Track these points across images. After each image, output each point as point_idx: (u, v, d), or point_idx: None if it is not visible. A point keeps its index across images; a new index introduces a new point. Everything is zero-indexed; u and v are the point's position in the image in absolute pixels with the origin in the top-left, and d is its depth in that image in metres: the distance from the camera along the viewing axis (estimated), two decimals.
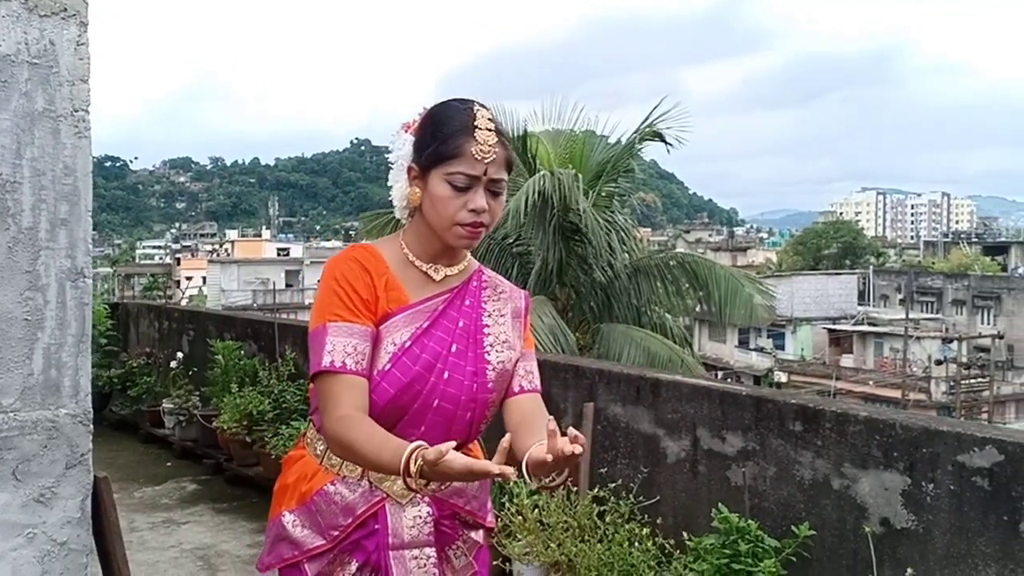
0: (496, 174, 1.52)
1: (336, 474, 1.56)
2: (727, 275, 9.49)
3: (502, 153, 1.53)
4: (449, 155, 1.50)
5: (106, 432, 6.09)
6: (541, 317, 7.97)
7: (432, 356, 1.53)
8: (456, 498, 1.60)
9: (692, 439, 2.89)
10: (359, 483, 1.55)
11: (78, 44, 2.14)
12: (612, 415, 3.13)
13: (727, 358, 37.61)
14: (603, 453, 3.15)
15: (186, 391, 5.56)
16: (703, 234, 75.39)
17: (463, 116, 1.52)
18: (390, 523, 1.54)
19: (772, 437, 2.65)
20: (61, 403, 2.05)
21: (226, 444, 4.90)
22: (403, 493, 1.53)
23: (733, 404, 2.76)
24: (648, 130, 9.30)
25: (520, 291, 1.74)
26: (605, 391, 3.16)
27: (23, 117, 2.02)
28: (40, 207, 2.02)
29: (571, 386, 3.30)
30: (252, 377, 4.88)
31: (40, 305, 2.00)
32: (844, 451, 2.48)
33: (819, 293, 40.95)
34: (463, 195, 1.50)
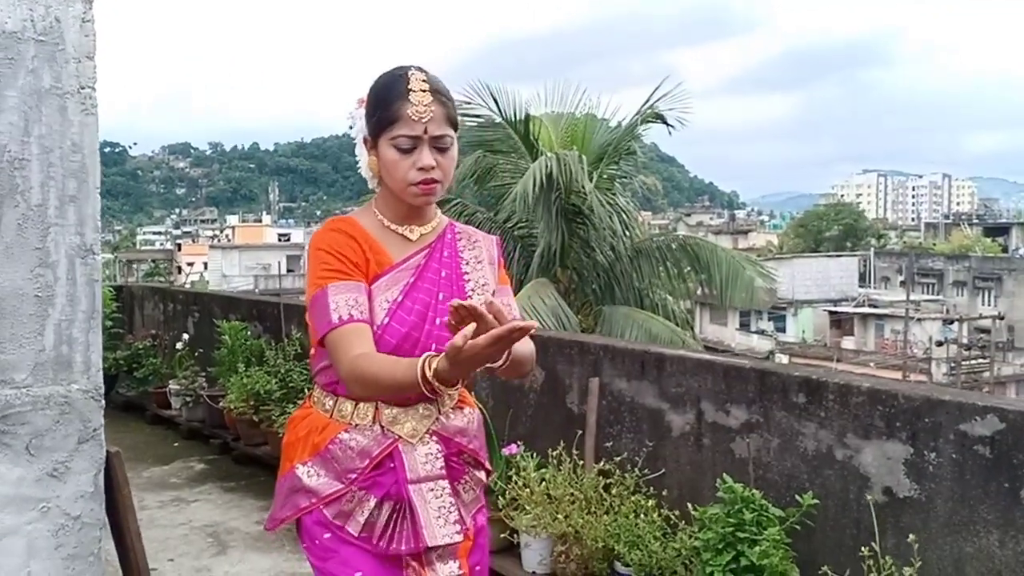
0: (437, 131, 1.60)
1: (349, 423, 1.66)
2: (728, 258, 9.48)
3: (440, 111, 1.61)
4: (389, 120, 1.60)
5: (113, 414, 6.09)
6: (543, 299, 7.98)
7: (423, 306, 1.65)
8: (460, 437, 1.73)
9: (696, 413, 2.91)
10: (371, 428, 1.65)
11: (83, 21, 2.14)
12: (617, 390, 3.16)
13: (728, 341, 37.56)
14: (608, 428, 3.18)
15: (192, 372, 5.58)
16: (704, 217, 75.31)
17: (398, 82, 1.61)
18: (406, 461, 1.65)
19: (776, 409, 2.67)
20: (73, 379, 2.07)
21: (233, 424, 4.93)
22: (413, 433, 1.66)
23: (737, 378, 2.78)
24: (650, 111, 9.25)
25: (491, 237, 1.85)
26: (610, 366, 3.18)
27: (30, 94, 2.02)
28: (49, 184, 2.03)
29: (576, 362, 3.32)
30: (259, 357, 4.89)
31: (50, 281, 2.02)
32: (847, 422, 2.50)
33: (820, 275, 40.87)
34: (410, 156, 1.60)
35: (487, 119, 9.20)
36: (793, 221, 75.11)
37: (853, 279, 42.74)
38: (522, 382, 3.48)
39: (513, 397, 3.55)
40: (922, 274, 44.01)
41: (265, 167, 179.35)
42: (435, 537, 1.65)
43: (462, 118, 9.39)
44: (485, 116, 9.21)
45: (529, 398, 3.51)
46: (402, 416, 1.66)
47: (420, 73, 1.62)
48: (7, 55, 2.01)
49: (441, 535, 1.65)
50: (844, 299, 40.20)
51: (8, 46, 2.02)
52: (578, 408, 3.29)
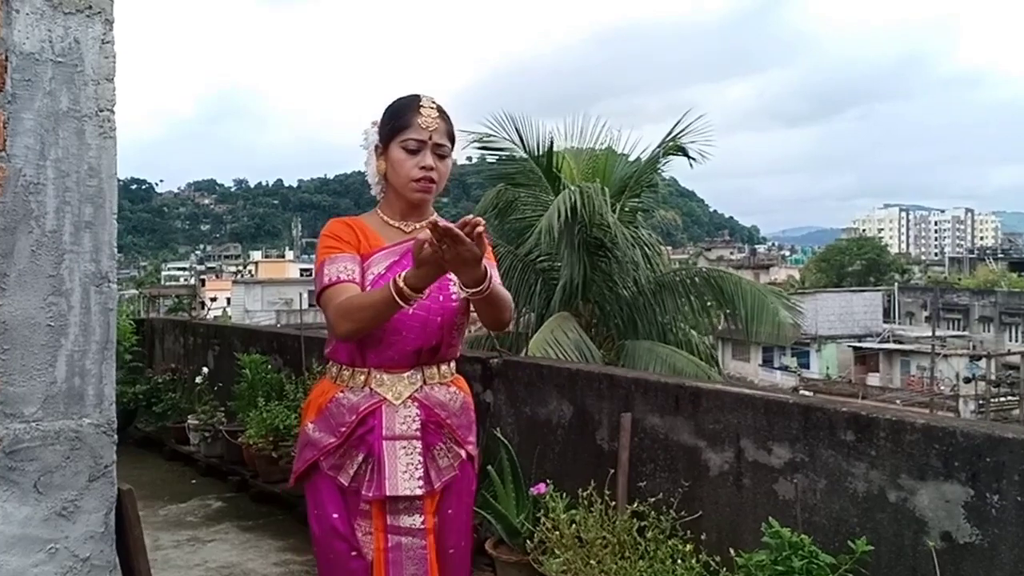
0: (439, 140, 1.98)
1: (345, 386, 1.99)
2: (753, 291, 9.37)
3: (443, 125, 2.00)
4: (401, 127, 1.97)
5: (130, 449, 6.03)
6: (566, 333, 7.91)
7: None
8: (440, 409, 2.00)
9: (736, 451, 2.76)
10: (362, 389, 1.97)
11: (103, 42, 2.09)
12: (650, 426, 3.01)
13: (751, 376, 37.20)
14: (641, 466, 3.02)
15: (211, 407, 5.48)
16: (724, 251, 74.94)
17: (412, 100, 2.00)
18: (384, 420, 1.95)
19: (822, 448, 2.52)
20: (85, 412, 1.99)
21: (252, 460, 4.81)
22: (397, 396, 1.96)
23: (779, 413, 2.63)
24: (672, 144, 9.23)
25: None
26: (642, 401, 3.04)
27: (47, 117, 1.97)
28: (64, 209, 1.96)
29: (606, 396, 3.18)
30: (279, 391, 4.79)
31: (64, 310, 1.94)
32: (900, 461, 2.35)
33: (844, 310, 40.56)
34: (415, 156, 1.96)
35: (509, 152, 9.19)
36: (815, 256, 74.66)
37: (877, 314, 42.34)
38: (549, 417, 3.35)
39: (540, 433, 3.42)
40: (947, 309, 43.56)
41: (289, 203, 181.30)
42: (396, 488, 1.91)
43: (484, 150, 9.52)
44: (507, 149, 9.20)
45: (557, 434, 3.37)
46: (389, 381, 1.96)
47: (429, 98, 2.00)
48: (24, 76, 1.96)
49: (403, 487, 1.92)
50: (868, 335, 39.88)
51: (25, 67, 1.97)
52: (608, 445, 3.15)
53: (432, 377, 2.01)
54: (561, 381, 3.32)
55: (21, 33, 1.95)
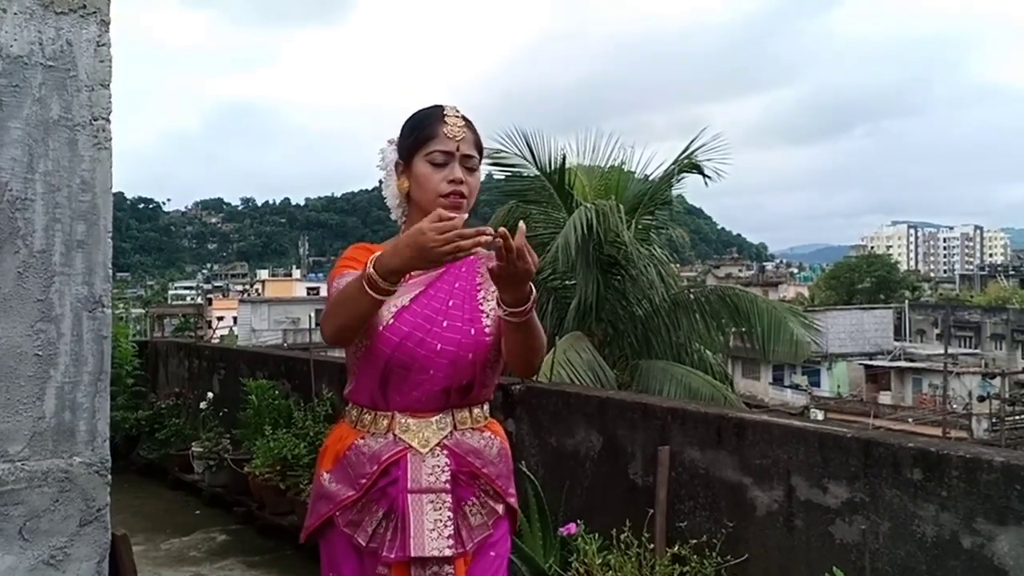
0: (468, 151, 1.79)
1: (366, 431, 1.77)
2: (770, 309, 9.28)
3: (470, 135, 1.81)
4: (426, 138, 1.78)
5: (133, 478, 5.86)
6: (579, 353, 7.80)
7: (432, 311, 1.75)
8: (473, 457, 1.78)
9: (786, 489, 2.54)
10: (384, 435, 1.75)
11: (98, 45, 1.93)
12: (689, 461, 2.79)
13: (761, 395, 36.97)
14: (680, 504, 2.80)
15: (216, 434, 5.28)
16: (733, 269, 74.73)
17: (435, 110, 1.82)
18: (410, 470, 1.73)
19: (885, 487, 2.30)
20: (76, 450, 1.83)
21: (258, 491, 4.60)
22: (424, 443, 1.74)
23: (835, 448, 2.41)
24: (687, 161, 9.15)
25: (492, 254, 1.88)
26: (680, 433, 2.82)
27: (36, 126, 1.81)
28: (54, 227, 1.80)
29: (639, 427, 2.96)
30: (286, 418, 4.58)
31: (53, 338, 1.79)
32: (976, 503, 2.13)
33: (854, 328, 40.44)
34: (442, 170, 1.76)
35: (520, 169, 9.08)
36: (824, 273, 74.44)
37: (888, 332, 42.20)
38: (576, 448, 3.13)
39: (567, 466, 3.20)
40: (959, 327, 43.34)
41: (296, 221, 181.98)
42: (423, 548, 1.69)
43: (495, 166, 9.40)
44: (518, 166, 9.10)
45: (586, 467, 3.15)
46: (415, 426, 1.75)
47: (452, 106, 1.83)
48: (11, 82, 1.82)
49: (430, 547, 1.69)
50: (879, 352, 39.77)
51: (13, 72, 1.82)
52: (642, 480, 2.93)
53: (464, 421, 1.80)
54: (590, 410, 3.11)
55: (8, 34, 1.81)
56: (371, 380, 1.76)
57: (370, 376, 1.76)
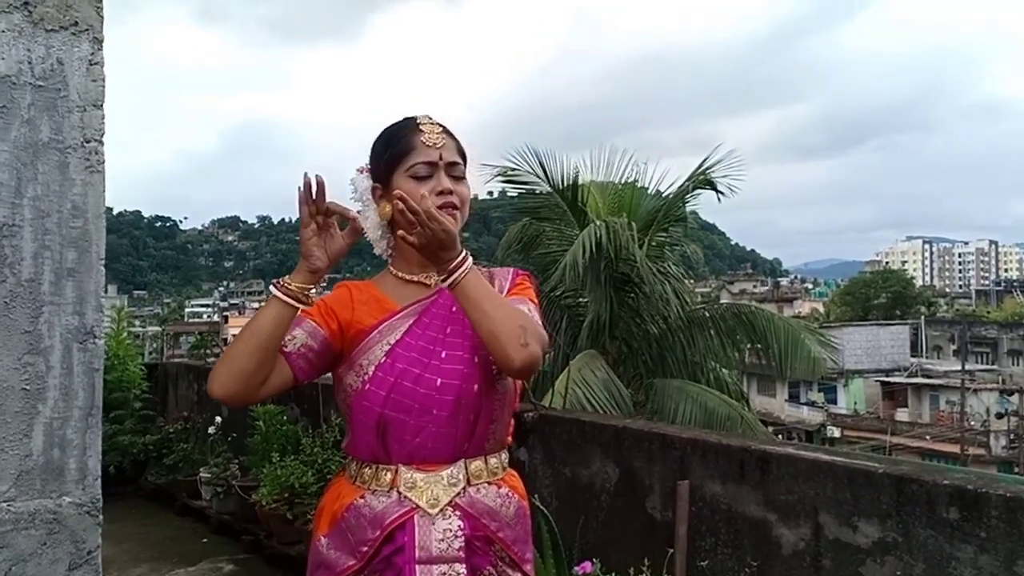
0: (451, 158, 1.62)
1: (367, 489, 1.56)
2: (786, 327, 9.23)
3: (451, 142, 1.63)
4: (403, 152, 1.60)
5: (140, 504, 5.78)
6: (594, 372, 7.74)
7: (428, 342, 1.56)
8: (488, 519, 1.57)
9: (813, 526, 2.40)
10: (388, 494, 1.54)
11: (91, 63, 1.84)
12: (710, 495, 2.66)
13: (777, 412, 36.66)
14: (700, 540, 2.67)
15: (224, 459, 5.18)
16: (747, 285, 74.38)
17: (407, 122, 1.64)
18: (418, 535, 1.52)
19: (919, 527, 2.17)
20: (65, 489, 1.73)
21: (266, 519, 4.48)
22: (433, 503, 1.53)
23: (866, 484, 2.28)
24: (701, 178, 9.11)
25: (508, 269, 1.76)
26: (700, 465, 2.69)
27: (24, 149, 1.71)
28: (43, 255, 1.72)
29: (657, 458, 2.84)
30: (294, 445, 4.47)
31: (41, 372, 1.70)
32: (1017, 545, 2.00)
33: (870, 344, 40.13)
34: (427, 183, 1.58)
35: (532, 186, 9.06)
36: (839, 289, 73.97)
37: (905, 348, 41.88)
38: (591, 480, 3.01)
39: (582, 499, 3.07)
40: (976, 343, 42.99)
41: None
42: None
43: (508, 183, 9.36)
44: (530, 183, 9.08)
45: (601, 500, 3.02)
46: (423, 482, 1.54)
47: (425, 115, 1.66)
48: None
49: None
50: (896, 369, 39.49)
51: (0, 92, 1.71)
52: (661, 514, 2.80)
53: (479, 475, 1.58)
54: (605, 439, 2.99)
55: None
56: (367, 430, 1.56)
57: (366, 425, 1.56)
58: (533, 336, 1.47)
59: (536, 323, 1.53)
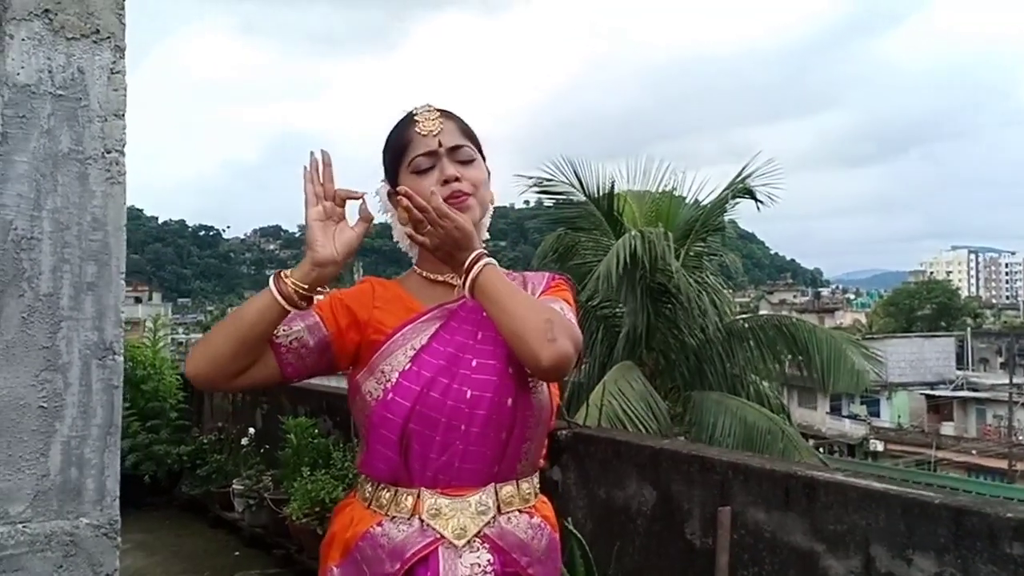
0: (453, 141, 1.50)
1: (384, 515, 1.42)
2: (829, 340, 9.14)
3: (451, 124, 1.52)
4: (401, 149, 1.50)
5: (174, 514, 5.78)
6: (631, 383, 7.67)
7: (456, 348, 1.44)
8: (519, 553, 1.43)
9: (864, 559, 2.27)
10: (409, 521, 1.40)
11: (112, 72, 1.81)
12: (753, 522, 2.53)
13: (819, 425, 36.10)
14: (743, 571, 2.54)
15: (257, 471, 5.14)
16: (787, 295, 73.57)
17: (404, 117, 1.54)
18: (443, 570, 1.38)
19: (979, 562, 2.03)
20: (82, 511, 1.68)
21: (297, 533, 4.43)
22: (460, 534, 1.39)
23: (921, 516, 2.14)
24: (740, 186, 9.03)
25: (542, 274, 1.63)
26: (742, 491, 2.57)
27: (44, 160, 1.67)
28: (62, 268, 1.68)
29: (696, 482, 2.72)
30: (325, 458, 4.42)
31: (59, 389, 1.66)
32: None
33: (915, 357, 39.47)
34: (431, 175, 1.47)
35: (568, 196, 9.03)
36: (882, 299, 72.77)
37: (950, 361, 41.14)
38: (627, 502, 2.90)
39: (617, 521, 2.96)
40: None
41: None
42: None
43: (543, 194, 9.31)
44: (566, 193, 9.06)
45: (637, 524, 2.91)
46: (449, 509, 1.40)
47: (423, 105, 1.54)
48: (18, 112, 1.71)
49: None
50: (941, 382, 38.84)
51: (20, 102, 1.71)
52: (700, 541, 2.68)
53: (509, 502, 1.44)
54: (642, 460, 2.88)
55: (15, 62, 1.67)
56: (388, 446, 1.41)
57: (386, 441, 1.41)
58: (562, 330, 1.34)
59: (566, 319, 1.41)
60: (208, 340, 1.44)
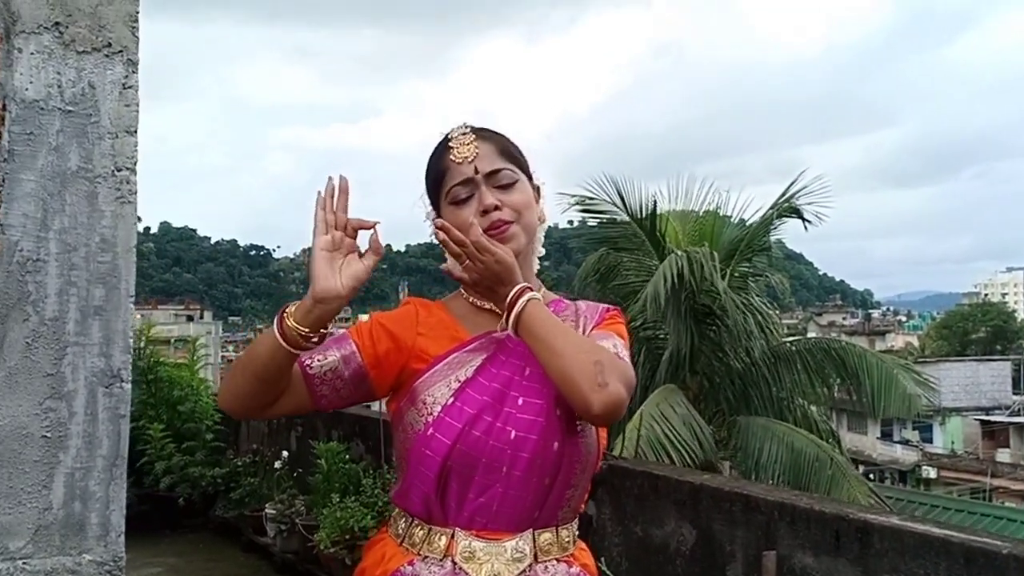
0: (489, 167, 1.42)
1: (416, 554, 1.37)
2: (880, 364, 8.90)
3: (487, 146, 1.43)
4: (438, 179, 1.45)
5: (208, 537, 5.74)
6: (673, 407, 7.54)
7: (502, 383, 1.37)
8: None
9: None
10: (441, 563, 1.35)
11: (124, 87, 1.75)
12: (800, 568, 2.36)
13: (869, 451, 35.29)
14: None
15: (289, 496, 5.06)
16: (836, 316, 72.26)
17: (439, 143, 1.47)
18: None
19: None
20: (86, 547, 1.61)
21: (328, 561, 4.33)
22: None
23: (987, 566, 1.96)
24: (786, 205, 8.84)
25: (598, 305, 1.55)
26: (789, 533, 2.40)
27: (52, 178, 1.61)
28: (69, 292, 1.61)
29: (740, 522, 2.55)
30: (355, 485, 4.31)
31: (64, 418, 1.59)
32: None
33: (969, 381, 38.54)
34: (469, 205, 1.41)
35: (610, 215, 8.93)
36: (935, 322, 71.14)
37: (1006, 385, 40.05)
38: (665, 541, 2.74)
39: (655, 561, 2.81)
40: None
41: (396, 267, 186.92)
42: None
43: (585, 212, 9.21)
44: (608, 212, 8.95)
45: (676, 564, 2.74)
46: (483, 553, 1.34)
47: (459, 127, 1.46)
48: (25, 129, 1.66)
49: None
50: (997, 407, 37.90)
51: (27, 118, 1.66)
52: None
53: (547, 550, 1.37)
54: (681, 497, 2.73)
55: (23, 77, 1.61)
56: (425, 482, 1.35)
57: (423, 476, 1.35)
58: (613, 373, 1.26)
59: (618, 359, 1.33)
60: (231, 377, 1.40)
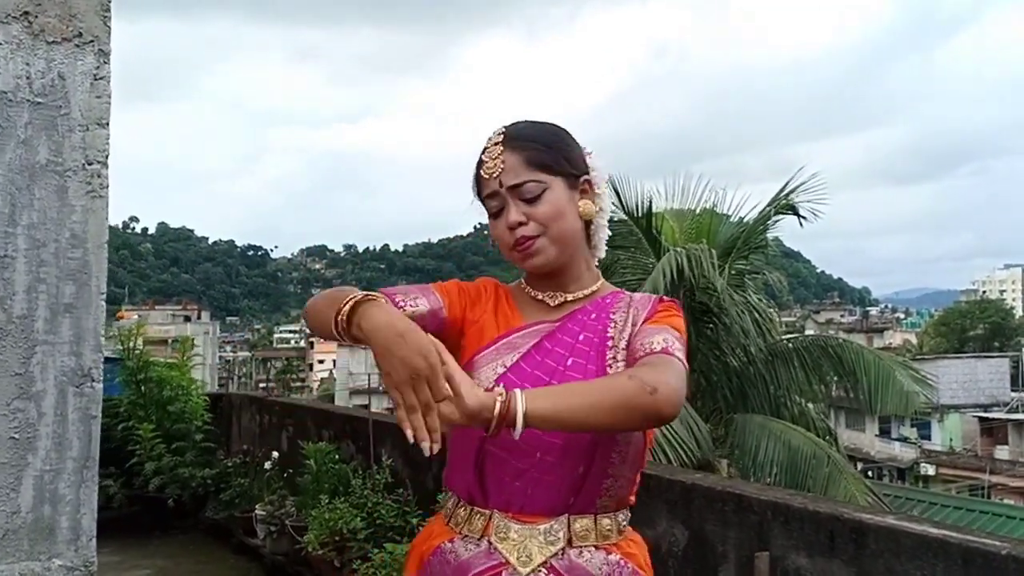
0: (515, 180, 1.42)
1: (458, 532, 1.41)
2: (877, 361, 8.85)
3: (514, 158, 1.43)
4: (477, 189, 1.49)
5: (198, 538, 5.68)
6: None
7: (545, 372, 1.40)
8: None
9: None
10: (478, 542, 1.38)
11: (96, 78, 1.70)
12: (794, 569, 2.30)
13: (867, 448, 35.24)
14: None
15: (280, 497, 4.98)
16: (834, 314, 72.29)
17: (482, 150, 1.49)
18: None
19: None
20: (55, 551, 1.58)
21: (317, 563, 4.26)
22: (525, 560, 1.35)
23: (985, 567, 1.91)
24: (783, 203, 8.79)
25: (651, 296, 1.55)
26: (782, 534, 2.34)
27: (20, 172, 1.57)
28: (38, 289, 1.58)
29: (732, 523, 2.49)
30: (345, 486, 4.25)
31: (32, 419, 1.56)
32: None
33: (967, 378, 38.50)
34: (504, 215, 1.44)
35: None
36: (933, 319, 71.15)
37: (1004, 382, 40.04)
38: (657, 541, 2.69)
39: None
40: None
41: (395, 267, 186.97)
42: None
43: None
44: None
45: (668, 565, 2.68)
46: (517, 534, 1.36)
47: (495, 133, 1.48)
48: None
49: None
50: (995, 404, 37.85)
51: None
52: None
53: (584, 536, 1.37)
54: (672, 497, 2.67)
55: None
56: (465, 464, 1.39)
57: (464, 458, 1.40)
58: (653, 377, 1.25)
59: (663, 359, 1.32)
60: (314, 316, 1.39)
